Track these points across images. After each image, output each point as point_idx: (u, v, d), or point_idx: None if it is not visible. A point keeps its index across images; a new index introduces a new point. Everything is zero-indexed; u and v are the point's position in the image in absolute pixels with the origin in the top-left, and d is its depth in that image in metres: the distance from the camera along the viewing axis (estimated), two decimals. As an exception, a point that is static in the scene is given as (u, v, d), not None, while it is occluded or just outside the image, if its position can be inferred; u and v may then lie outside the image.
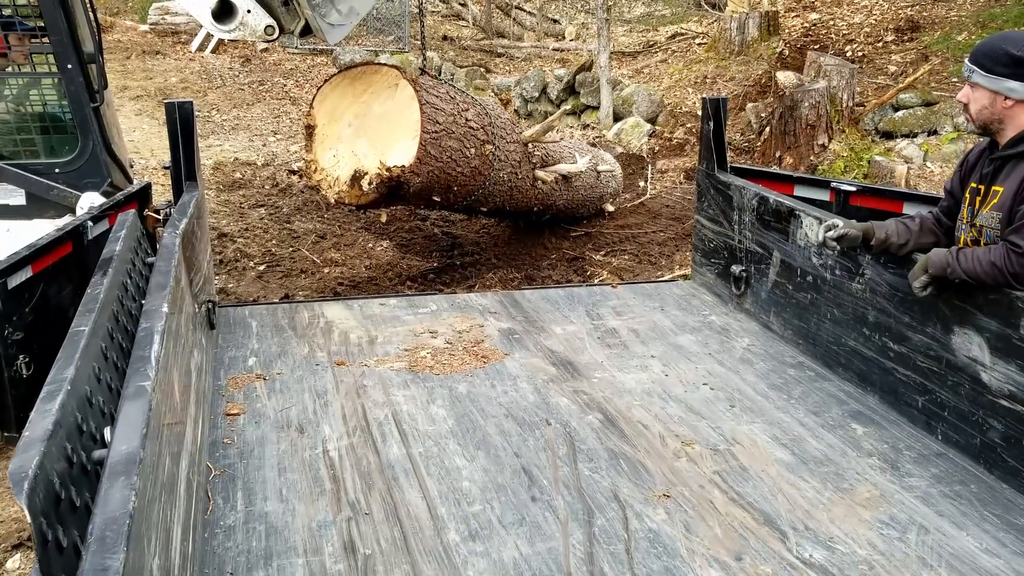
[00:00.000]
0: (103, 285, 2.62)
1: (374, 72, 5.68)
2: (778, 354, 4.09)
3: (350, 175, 5.52)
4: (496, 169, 6.11)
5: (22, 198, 4.97)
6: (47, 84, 5.26)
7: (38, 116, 5.25)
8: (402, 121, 5.48)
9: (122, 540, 1.45)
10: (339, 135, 5.65)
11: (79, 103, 4.97)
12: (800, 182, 4.72)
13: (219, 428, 3.27)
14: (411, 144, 5.41)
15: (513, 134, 6.43)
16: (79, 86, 4.92)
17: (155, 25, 16.27)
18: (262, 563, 2.48)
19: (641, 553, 2.55)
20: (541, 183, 6.62)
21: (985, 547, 2.61)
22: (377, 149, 5.52)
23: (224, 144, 10.92)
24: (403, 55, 14.99)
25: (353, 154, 5.58)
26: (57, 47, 4.84)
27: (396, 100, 5.51)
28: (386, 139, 5.53)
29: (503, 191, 6.33)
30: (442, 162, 5.60)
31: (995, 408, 2.95)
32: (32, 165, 5.01)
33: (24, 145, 5.12)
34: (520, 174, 6.42)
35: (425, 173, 5.50)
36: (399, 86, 5.51)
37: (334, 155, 5.65)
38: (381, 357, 3.98)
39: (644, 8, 18.21)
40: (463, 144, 5.74)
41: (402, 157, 5.41)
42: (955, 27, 11.41)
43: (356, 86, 5.65)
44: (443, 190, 5.82)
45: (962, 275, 2.98)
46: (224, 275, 6.58)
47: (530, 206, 6.80)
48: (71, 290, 3.64)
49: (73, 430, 1.80)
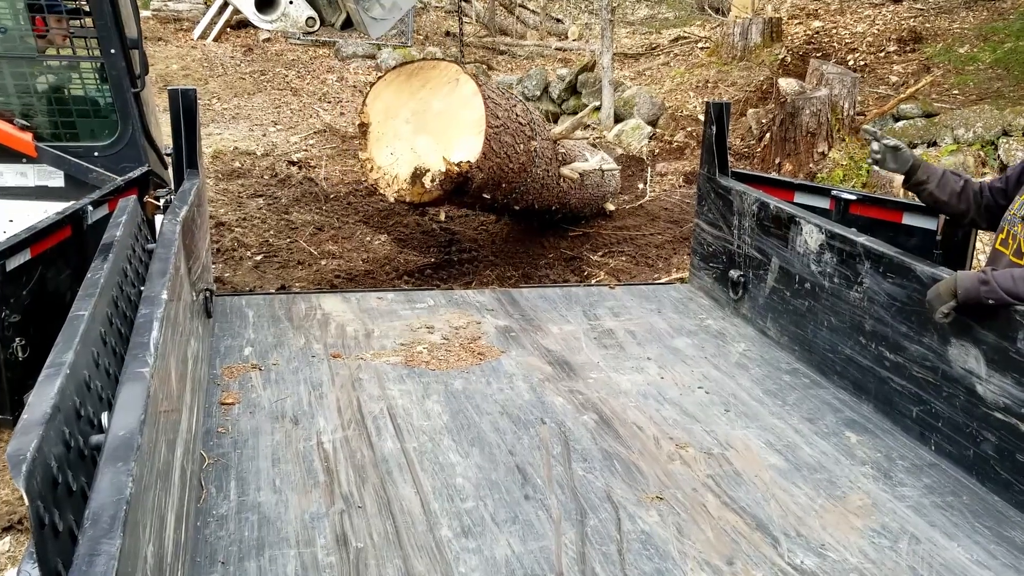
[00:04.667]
0: (103, 270, 2.61)
1: (431, 67, 5.68)
2: (774, 360, 4.09)
3: (411, 173, 5.51)
4: (536, 165, 6.13)
5: (61, 180, 4.99)
6: (88, 68, 5.29)
7: (79, 99, 5.28)
8: (463, 117, 5.48)
9: (118, 526, 1.45)
10: (397, 132, 5.64)
11: (120, 88, 5.02)
12: (800, 189, 4.72)
13: (214, 417, 3.27)
14: (476, 139, 5.41)
15: (546, 131, 6.46)
16: (121, 71, 4.98)
17: (157, 11, 16.23)
18: (254, 553, 2.48)
19: (633, 554, 2.55)
20: (564, 180, 6.65)
21: (976, 558, 2.62)
22: (440, 145, 5.51)
23: (224, 133, 10.90)
24: (406, 49, 14.97)
25: (413, 151, 5.57)
26: (101, 32, 4.89)
27: (456, 95, 5.51)
28: (448, 135, 5.52)
29: (536, 188, 6.38)
30: (500, 158, 5.63)
31: (989, 420, 2.96)
32: (72, 148, 5.04)
33: (65, 128, 5.15)
34: (550, 171, 6.46)
35: (487, 169, 5.52)
36: (459, 81, 5.51)
37: (391, 153, 5.63)
38: (377, 351, 3.98)
39: (648, 10, 18.22)
40: (515, 139, 5.78)
41: (467, 152, 5.40)
42: (957, 39, 11.45)
43: (412, 82, 5.65)
44: (494, 187, 5.85)
45: (1001, 295, 2.84)
46: (221, 264, 6.57)
47: (552, 203, 6.85)
48: (69, 275, 3.62)
49: (71, 414, 1.80)
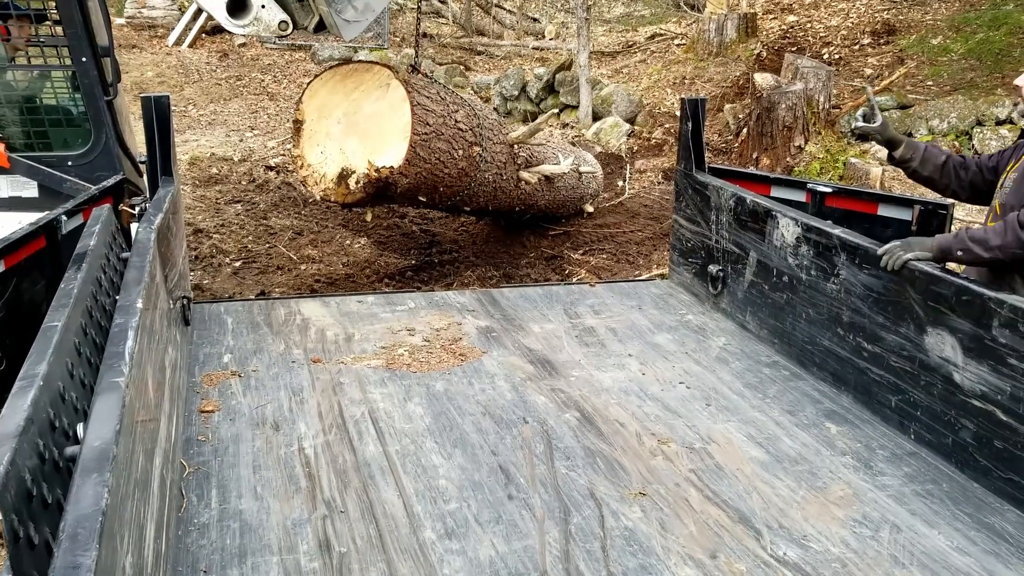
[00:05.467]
0: (77, 280, 2.59)
1: (365, 70, 5.64)
2: (754, 353, 4.11)
3: (337, 173, 5.49)
4: (482, 171, 6.10)
5: (35, 190, 4.94)
6: (60, 76, 5.23)
7: (52, 108, 5.22)
8: (392, 121, 5.45)
9: (94, 538, 1.44)
10: (328, 132, 5.61)
11: (93, 96, 4.96)
12: (777, 183, 4.75)
13: (193, 425, 3.24)
14: (400, 145, 5.38)
15: (500, 135, 6.42)
16: (93, 79, 4.92)
17: (131, 19, 16.12)
18: (236, 561, 2.46)
19: (617, 551, 2.56)
20: (525, 184, 6.62)
21: (956, 545, 2.65)
22: (366, 148, 5.48)
23: (200, 139, 10.83)
24: (382, 51, 14.94)
25: (341, 152, 5.54)
26: (72, 40, 4.83)
27: (387, 100, 5.48)
28: (375, 139, 5.50)
29: (487, 192, 6.33)
30: (430, 164, 5.58)
31: (967, 408, 2.99)
32: (45, 158, 4.99)
33: (37, 137, 5.09)
34: (505, 175, 6.42)
35: (413, 175, 5.48)
36: (391, 86, 5.48)
37: (322, 152, 5.61)
38: (358, 355, 3.96)
39: (624, 8, 18.25)
40: (451, 146, 5.72)
41: (391, 158, 5.38)
42: (930, 31, 11.54)
43: (347, 83, 5.61)
44: (429, 191, 5.81)
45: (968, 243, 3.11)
46: (199, 271, 6.53)
47: (512, 206, 6.81)
48: (44, 285, 3.59)
49: (46, 426, 1.78)
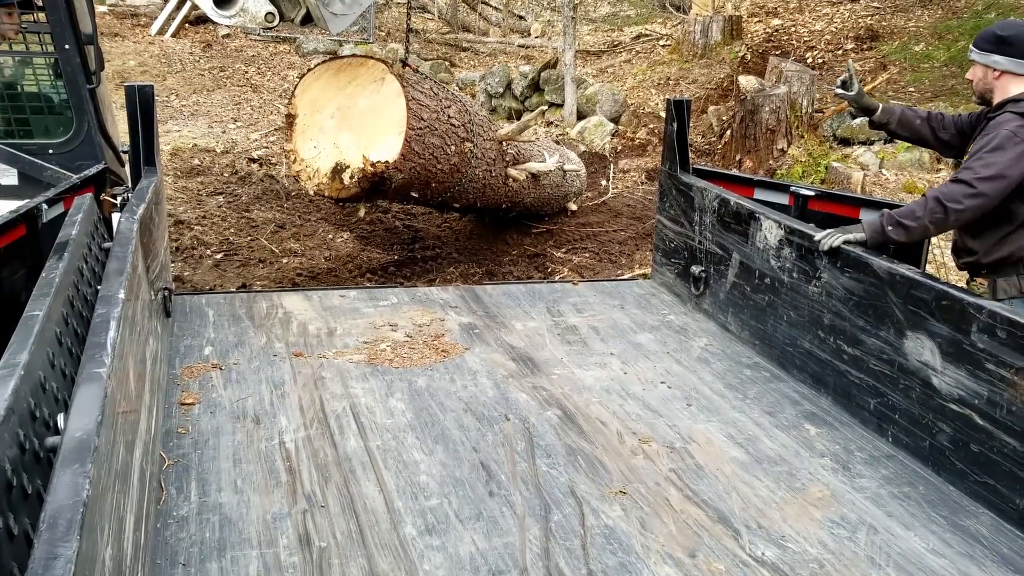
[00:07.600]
0: (58, 270, 2.57)
1: (359, 64, 5.61)
2: (735, 354, 4.14)
3: (331, 168, 5.47)
4: (473, 167, 6.10)
5: (15, 178, 4.89)
6: (42, 64, 5.17)
7: (33, 96, 5.15)
8: (387, 116, 5.43)
9: (75, 529, 1.43)
10: (321, 126, 5.58)
11: (75, 84, 4.89)
12: (760, 185, 4.78)
13: (174, 417, 3.23)
14: (396, 140, 5.36)
15: (489, 132, 6.42)
16: (76, 67, 4.85)
17: (114, 7, 15.97)
18: (215, 554, 2.45)
19: (597, 549, 2.57)
20: (513, 181, 6.63)
21: (932, 547, 2.67)
22: (360, 143, 5.46)
23: (183, 130, 10.76)
24: (368, 46, 14.87)
25: (335, 147, 5.51)
26: (55, 27, 4.76)
27: (382, 95, 5.46)
28: (370, 134, 5.47)
29: (477, 188, 6.33)
30: (424, 159, 5.57)
31: (944, 412, 3.02)
32: (26, 145, 4.92)
33: (18, 125, 5.02)
34: (494, 172, 6.42)
35: (408, 170, 5.47)
36: (385, 80, 5.45)
37: (315, 146, 5.58)
38: (340, 349, 3.95)
39: (610, 8, 18.28)
40: (444, 141, 5.72)
41: (386, 153, 5.36)
42: (913, 37, 11.64)
43: (340, 78, 5.58)
44: (422, 186, 5.80)
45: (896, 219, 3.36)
46: (181, 263, 6.49)
47: (500, 203, 6.81)
48: (24, 274, 3.55)
49: (26, 416, 1.76)
